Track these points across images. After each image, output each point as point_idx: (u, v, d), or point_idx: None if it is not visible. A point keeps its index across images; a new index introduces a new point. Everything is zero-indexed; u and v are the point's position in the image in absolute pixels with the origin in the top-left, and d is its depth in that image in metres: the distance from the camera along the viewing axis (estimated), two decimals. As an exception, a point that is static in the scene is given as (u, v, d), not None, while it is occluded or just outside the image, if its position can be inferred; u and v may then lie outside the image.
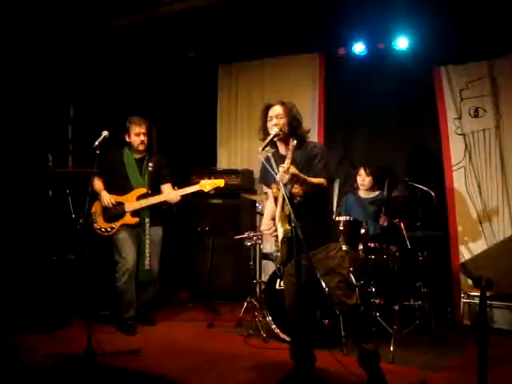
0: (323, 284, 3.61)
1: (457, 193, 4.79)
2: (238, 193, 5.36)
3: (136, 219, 4.40)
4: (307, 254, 2.86)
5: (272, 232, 3.16)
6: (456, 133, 4.81)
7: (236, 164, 5.92)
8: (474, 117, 4.73)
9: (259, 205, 5.09)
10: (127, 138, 4.51)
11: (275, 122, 3.09)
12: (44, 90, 4.99)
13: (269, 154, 3.09)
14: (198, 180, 4.52)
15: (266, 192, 4.22)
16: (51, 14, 4.59)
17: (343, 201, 4.87)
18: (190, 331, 4.50)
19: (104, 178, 4.49)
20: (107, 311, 4.61)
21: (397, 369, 3.47)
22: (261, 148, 3.00)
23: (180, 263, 5.76)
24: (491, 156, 4.64)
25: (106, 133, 3.79)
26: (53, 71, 5.03)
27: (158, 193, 4.49)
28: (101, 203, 4.45)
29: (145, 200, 4.39)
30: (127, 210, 4.40)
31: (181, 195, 4.39)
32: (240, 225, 5.41)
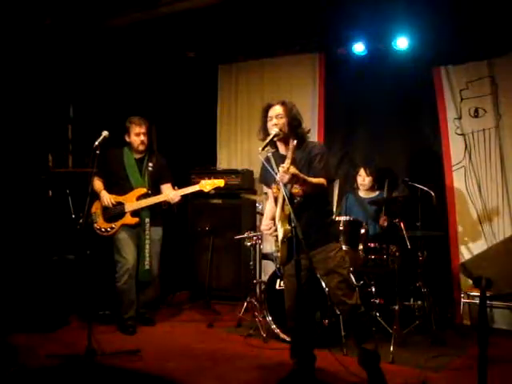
0: (323, 284, 3.62)
1: (457, 193, 4.78)
2: (238, 193, 5.35)
3: (136, 219, 4.40)
4: (307, 254, 2.86)
5: (272, 232, 3.16)
6: (456, 133, 4.80)
7: (236, 164, 5.92)
8: (474, 117, 4.73)
9: (259, 205, 5.09)
10: (127, 138, 4.51)
11: (275, 122, 3.09)
12: (44, 90, 4.99)
13: (269, 154, 3.08)
14: (198, 180, 4.52)
15: (266, 192, 4.23)
16: (51, 14, 4.59)
17: (343, 201, 4.87)
18: (190, 331, 4.50)
19: (104, 178, 4.50)
20: (107, 311, 4.61)
21: (397, 369, 3.47)
22: (261, 148, 2.99)
23: (180, 263, 5.76)
24: (491, 156, 4.64)
25: (106, 133, 3.78)
26: (52, 71, 5.02)
27: (158, 193, 4.49)
28: (101, 203, 4.45)
29: (145, 200, 4.40)
30: (127, 210, 4.40)
31: (181, 195, 4.39)
32: (240, 225, 5.41)
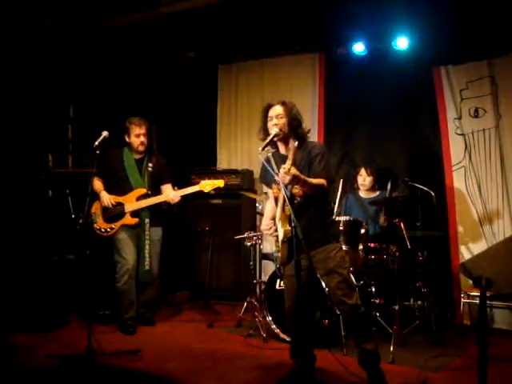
0: (323, 284, 3.62)
1: (457, 193, 4.78)
2: (238, 193, 5.36)
3: (136, 220, 4.40)
4: (307, 255, 2.86)
5: (272, 232, 3.16)
6: (456, 133, 4.80)
7: (236, 164, 5.92)
8: (474, 117, 4.73)
9: (259, 205, 5.09)
10: (127, 139, 4.51)
11: (275, 122, 3.09)
12: (44, 90, 4.99)
13: (269, 154, 3.07)
14: (198, 180, 4.52)
15: (266, 192, 4.23)
16: (51, 14, 4.59)
17: (343, 201, 4.86)
18: (190, 331, 4.50)
19: (104, 179, 4.49)
20: (107, 311, 4.61)
21: (397, 369, 3.46)
22: (261, 148, 2.99)
23: (180, 263, 5.76)
24: (491, 156, 4.64)
25: (106, 133, 3.78)
26: (52, 71, 5.02)
27: (158, 193, 4.49)
28: (101, 203, 4.45)
29: (144, 200, 4.39)
30: (127, 211, 4.40)
31: (181, 196, 4.40)
32: (240, 225, 5.41)
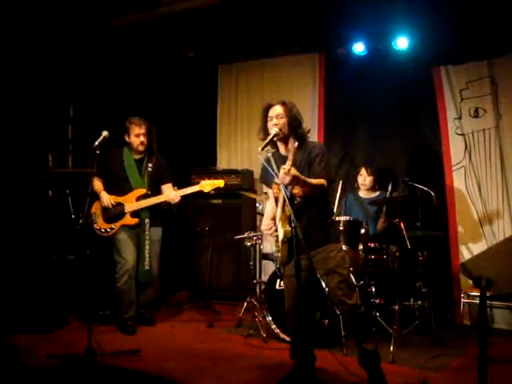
0: (323, 284, 3.62)
1: (457, 193, 4.78)
2: (238, 193, 5.35)
3: (136, 220, 4.40)
4: (307, 255, 2.86)
5: (272, 232, 3.15)
6: (456, 133, 4.80)
7: (236, 164, 5.92)
8: (474, 117, 4.73)
9: (259, 205, 5.09)
10: (127, 139, 4.51)
11: (275, 122, 3.09)
12: (44, 90, 4.99)
13: (269, 155, 3.07)
14: (198, 180, 4.52)
15: (266, 192, 4.23)
16: (51, 14, 4.59)
17: (343, 201, 4.86)
18: (190, 331, 4.50)
19: (104, 179, 4.49)
20: (107, 311, 4.61)
21: (397, 369, 3.47)
22: (260, 148, 2.98)
23: (180, 263, 5.76)
24: (491, 156, 4.64)
25: (106, 133, 3.78)
26: (52, 71, 5.02)
27: (158, 193, 4.49)
28: (101, 204, 4.45)
29: (144, 201, 4.39)
30: (127, 211, 4.40)
31: (181, 196, 4.40)
32: (240, 225, 5.41)
